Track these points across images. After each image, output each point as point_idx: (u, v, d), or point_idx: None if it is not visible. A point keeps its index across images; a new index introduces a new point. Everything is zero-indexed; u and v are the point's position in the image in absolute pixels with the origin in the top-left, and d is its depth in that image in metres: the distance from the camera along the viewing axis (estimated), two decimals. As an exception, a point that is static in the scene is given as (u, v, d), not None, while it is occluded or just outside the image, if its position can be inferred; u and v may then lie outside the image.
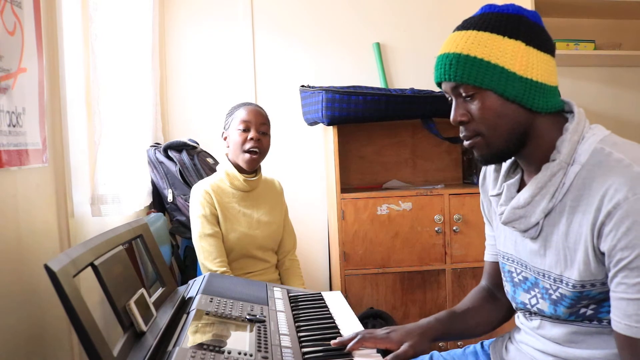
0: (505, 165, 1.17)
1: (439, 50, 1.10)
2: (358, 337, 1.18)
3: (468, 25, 1.05)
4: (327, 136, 2.65)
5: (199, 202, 1.95)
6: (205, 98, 2.84)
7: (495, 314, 1.32)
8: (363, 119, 2.42)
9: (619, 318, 0.94)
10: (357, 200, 2.44)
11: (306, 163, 2.90)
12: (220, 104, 2.77)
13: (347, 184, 2.80)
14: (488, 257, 1.34)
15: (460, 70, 1.02)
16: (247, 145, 1.94)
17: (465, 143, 1.08)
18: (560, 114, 1.07)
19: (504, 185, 1.13)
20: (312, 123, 2.64)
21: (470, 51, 1.01)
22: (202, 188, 1.97)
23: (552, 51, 1.06)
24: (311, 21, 2.90)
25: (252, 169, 1.99)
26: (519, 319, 1.22)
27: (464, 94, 1.04)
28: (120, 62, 2.05)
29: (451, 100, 1.08)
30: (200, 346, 1.01)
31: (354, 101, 2.36)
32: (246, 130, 1.95)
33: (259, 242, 2.01)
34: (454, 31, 1.08)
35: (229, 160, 2.01)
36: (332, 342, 1.19)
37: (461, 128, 1.08)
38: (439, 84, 1.10)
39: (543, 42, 1.04)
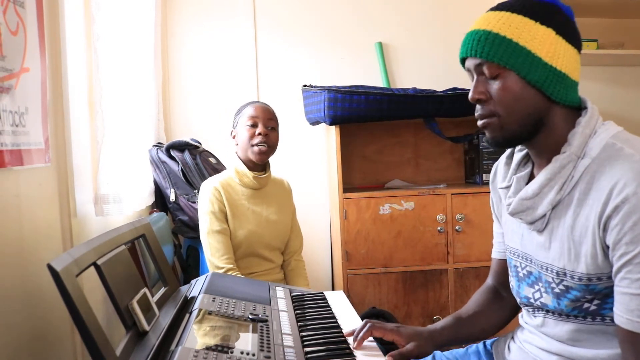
0: (516, 158, 1.18)
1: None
2: (368, 325, 1.21)
3: (502, 7, 1.06)
4: (329, 136, 2.65)
5: (208, 198, 1.96)
6: (207, 98, 2.84)
7: (501, 314, 1.32)
8: (365, 118, 2.42)
9: (621, 312, 0.95)
10: (359, 200, 2.44)
11: (308, 163, 2.90)
12: (222, 104, 2.78)
13: (349, 184, 2.80)
14: (495, 254, 1.34)
15: (488, 47, 1.02)
16: (255, 140, 1.96)
17: (479, 122, 1.09)
18: (576, 109, 1.08)
19: (513, 177, 1.14)
20: (315, 123, 2.64)
21: (500, 30, 1.02)
22: (212, 185, 1.99)
23: (580, 47, 1.07)
24: (313, 21, 2.90)
25: (262, 161, 2.00)
26: (523, 317, 1.22)
27: (487, 73, 1.05)
28: (123, 62, 2.06)
29: (472, 78, 1.09)
30: (202, 345, 1.01)
31: (356, 101, 2.36)
32: (254, 125, 1.98)
33: (266, 240, 2.01)
34: (488, 11, 1.09)
35: (239, 157, 2.02)
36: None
37: (477, 107, 1.08)
38: (463, 61, 1.10)
39: (573, 36, 1.05)
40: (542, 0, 1.05)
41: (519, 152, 1.18)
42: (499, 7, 1.07)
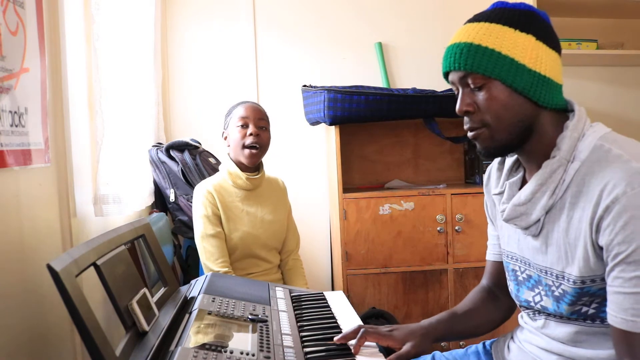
0: (507, 164, 1.18)
1: (447, 43, 1.10)
2: (361, 331, 1.19)
3: (480, 18, 1.07)
4: (329, 136, 2.65)
5: (201, 202, 1.95)
6: (207, 98, 2.84)
7: (496, 313, 1.33)
8: (365, 118, 2.42)
9: (615, 312, 0.95)
10: (359, 200, 2.44)
11: (308, 163, 2.90)
12: (222, 104, 2.76)
13: (349, 184, 2.80)
14: (490, 256, 1.35)
15: (471, 59, 1.02)
16: (247, 141, 1.95)
17: (469, 134, 1.09)
18: (563, 112, 1.08)
19: (506, 183, 1.14)
20: (314, 123, 2.64)
21: (481, 41, 1.02)
22: (205, 188, 1.97)
23: (559, 50, 1.08)
24: (313, 21, 2.90)
25: (253, 164, 1.99)
26: (523, 318, 1.22)
27: (471, 84, 1.05)
28: (123, 62, 2.06)
29: (457, 91, 1.09)
30: (202, 346, 1.01)
31: (355, 101, 2.36)
32: (245, 126, 1.96)
33: (262, 241, 2.00)
34: (465, 23, 1.08)
35: (231, 159, 2.01)
36: (335, 338, 1.20)
37: (465, 119, 1.08)
38: (447, 75, 1.10)
39: (552, 40, 1.06)
40: (518, 7, 1.05)
41: (510, 158, 1.18)
42: (476, 19, 1.07)
